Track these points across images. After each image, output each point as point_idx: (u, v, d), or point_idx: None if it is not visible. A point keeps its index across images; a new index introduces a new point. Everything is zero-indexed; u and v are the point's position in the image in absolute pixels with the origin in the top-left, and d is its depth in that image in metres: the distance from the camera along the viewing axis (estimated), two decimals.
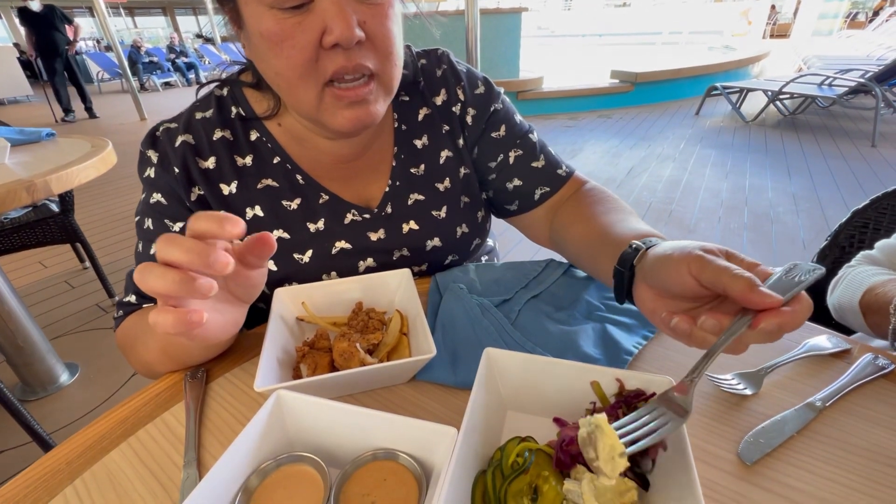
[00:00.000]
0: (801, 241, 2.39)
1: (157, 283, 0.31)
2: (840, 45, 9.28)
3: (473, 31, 3.42)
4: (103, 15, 6.10)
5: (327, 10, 0.41)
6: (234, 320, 0.41)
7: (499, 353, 0.40)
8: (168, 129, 0.54)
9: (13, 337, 1.50)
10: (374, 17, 0.44)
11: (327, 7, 0.41)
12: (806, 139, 4.13)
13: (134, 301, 0.54)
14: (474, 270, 0.62)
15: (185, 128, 0.54)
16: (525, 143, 0.65)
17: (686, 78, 6.15)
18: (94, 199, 3.46)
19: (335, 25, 0.41)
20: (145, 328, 0.49)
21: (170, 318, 0.31)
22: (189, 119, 0.55)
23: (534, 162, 0.64)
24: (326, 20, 0.41)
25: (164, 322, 0.31)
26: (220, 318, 0.39)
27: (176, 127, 0.54)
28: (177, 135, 0.54)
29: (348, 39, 0.41)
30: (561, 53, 11.52)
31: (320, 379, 0.40)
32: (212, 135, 0.55)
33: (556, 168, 0.65)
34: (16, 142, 1.48)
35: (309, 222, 0.57)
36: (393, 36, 0.46)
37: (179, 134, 0.54)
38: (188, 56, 11.56)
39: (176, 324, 0.31)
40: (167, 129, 0.54)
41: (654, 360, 0.47)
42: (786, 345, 0.47)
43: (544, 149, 0.66)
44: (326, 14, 0.41)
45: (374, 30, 0.44)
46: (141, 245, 0.54)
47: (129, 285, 0.55)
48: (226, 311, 0.40)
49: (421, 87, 0.63)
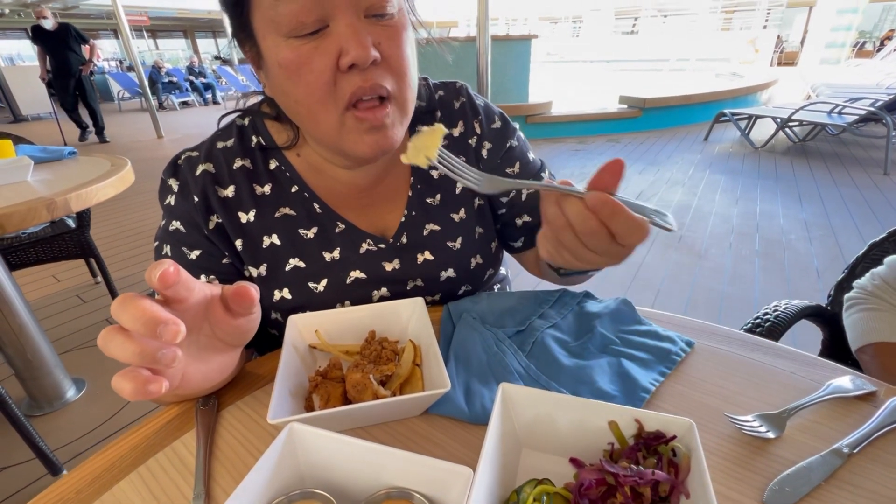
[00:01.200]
0: (814, 269, 2.36)
1: (118, 353, 0.30)
2: (848, 74, 9.33)
3: (485, 57, 3.50)
4: (127, 37, 6.34)
5: (342, 33, 0.42)
6: (221, 367, 0.41)
7: (514, 389, 0.39)
8: (189, 158, 0.55)
9: (23, 351, 1.51)
10: (388, 38, 0.45)
11: (342, 30, 0.42)
12: (816, 166, 4.12)
13: None
14: (487, 300, 0.61)
15: (206, 156, 0.55)
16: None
17: (694, 104, 6.21)
18: (108, 213, 3.52)
19: (351, 47, 0.42)
20: None
21: (128, 386, 0.30)
22: (210, 148, 0.56)
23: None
24: (342, 43, 0.43)
25: (123, 389, 0.30)
26: (204, 368, 0.39)
27: (197, 156, 0.56)
28: (198, 163, 0.55)
29: (364, 59, 0.42)
30: (569, 78, 11.71)
31: (333, 412, 0.39)
32: (232, 164, 0.56)
33: None
34: (39, 160, 1.52)
35: (325, 251, 0.58)
36: (407, 57, 0.47)
37: (200, 163, 0.55)
38: (206, 77, 11.91)
39: (134, 393, 0.30)
40: (189, 157, 0.56)
41: (672, 397, 0.46)
42: (808, 385, 0.46)
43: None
44: (341, 37, 0.42)
45: (389, 51, 0.45)
46: None
47: None
48: (212, 359, 0.40)
49: (438, 118, 0.64)
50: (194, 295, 0.35)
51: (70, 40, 5.59)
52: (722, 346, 0.53)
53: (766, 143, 4.79)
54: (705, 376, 0.49)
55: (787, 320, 0.72)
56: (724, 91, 6.70)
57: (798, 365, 0.49)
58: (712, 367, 0.50)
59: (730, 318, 1.98)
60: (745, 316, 1.97)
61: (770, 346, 0.52)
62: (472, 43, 3.63)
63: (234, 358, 0.42)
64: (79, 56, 5.75)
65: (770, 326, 0.72)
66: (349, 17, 0.42)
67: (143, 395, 0.30)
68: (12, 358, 1.51)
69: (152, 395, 0.31)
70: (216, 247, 0.55)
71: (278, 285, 0.56)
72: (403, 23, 0.47)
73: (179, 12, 15.80)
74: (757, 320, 0.75)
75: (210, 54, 22.10)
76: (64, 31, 5.56)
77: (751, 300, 2.10)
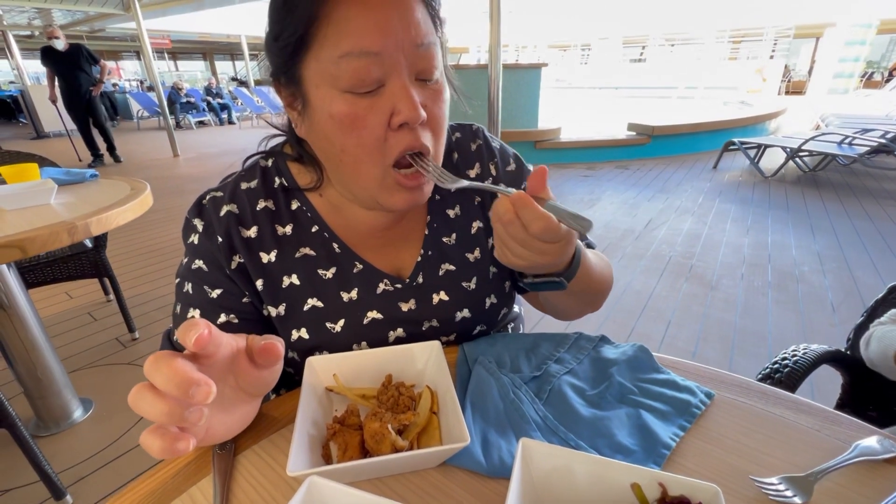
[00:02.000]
0: (829, 302, 2.32)
1: (149, 412, 0.32)
2: (857, 104, 9.38)
3: (496, 84, 3.59)
4: (149, 58, 6.57)
5: (395, 93, 0.45)
6: (243, 417, 0.42)
7: (535, 446, 0.39)
8: (214, 199, 0.57)
9: (34, 369, 1.52)
10: (432, 99, 0.48)
11: (396, 91, 0.45)
12: (828, 197, 4.10)
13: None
14: (502, 341, 0.61)
15: (230, 197, 0.57)
16: None
17: (703, 132, 6.26)
18: (121, 231, 3.58)
19: (403, 107, 0.44)
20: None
21: (157, 444, 0.31)
22: (234, 189, 0.58)
23: None
24: (395, 102, 0.45)
25: (151, 447, 0.32)
26: (228, 419, 0.40)
27: (222, 196, 0.57)
28: (222, 204, 0.56)
29: (415, 119, 0.45)
30: (577, 105, 11.87)
31: (352, 466, 0.39)
32: (255, 204, 0.57)
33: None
34: (62, 182, 1.57)
35: (343, 291, 0.58)
36: (444, 120, 0.51)
37: (225, 203, 0.56)
38: (223, 97, 12.25)
39: (162, 452, 0.31)
40: (213, 198, 0.57)
41: (693, 455, 0.45)
42: (834, 445, 0.45)
43: None
44: (395, 97, 0.45)
45: (433, 111, 0.48)
46: (179, 307, 0.56)
47: (164, 345, 0.56)
48: (235, 410, 0.41)
49: (455, 160, 0.65)
50: (222, 350, 0.35)
51: (82, 61, 5.42)
52: (742, 397, 0.52)
53: (776, 173, 4.79)
54: (726, 431, 0.48)
55: (807, 367, 0.71)
56: (732, 119, 6.76)
57: (822, 422, 0.48)
58: (733, 421, 0.49)
59: (744, 353, 1.94)
60: (760, 350, 1.95)
61: (792, 401, 0.51)
62: (483, 70, 3.73)
63: (256, 407, 0.43)
64: (90, 77, 5.58)
65: (789, 372, 0.70)
66: (403, 79, 0.45)
67: (172, 453, 0.31)
68: (22, 376, 1.52)
69: (180, 454, 0.31)
70: (237, 286, 0.56)
71: (296, 325, 0.57)
72: (443, 85, 0.50)
73: (200, 36, 16.40)
74: (775, 365, 0.74)
75: (227, 75, 22.82)
76: (76, 52, 5.37)
77: (764, 334, 2.07)
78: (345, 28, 0.42)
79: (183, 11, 11.56)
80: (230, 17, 12.57)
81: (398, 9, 0.43)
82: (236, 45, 17.95)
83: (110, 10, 10.53)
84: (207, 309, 0.55)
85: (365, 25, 0.42)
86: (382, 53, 0.43)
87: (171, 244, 3.34)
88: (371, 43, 0.42)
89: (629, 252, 3.01)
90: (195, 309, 0.55)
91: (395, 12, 0.43)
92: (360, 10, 0.42)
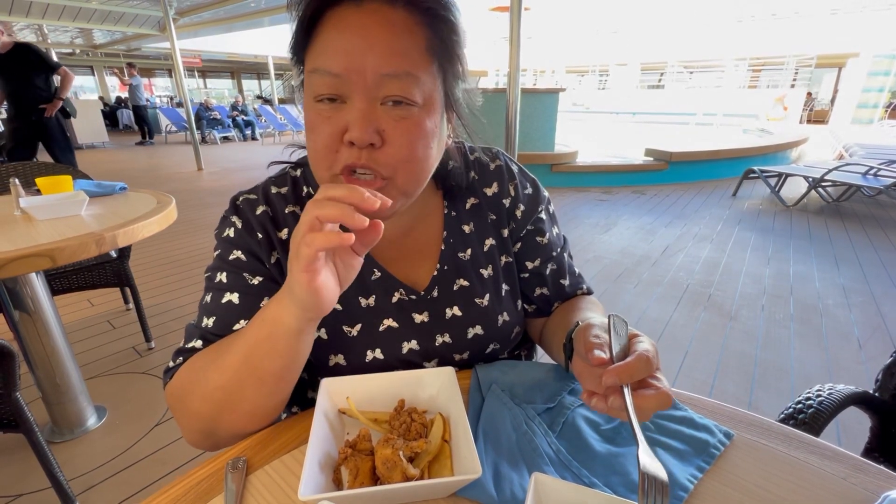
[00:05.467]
0: (855, 338, 2.24)
1: (332, 211, 0.39)
2: (882, 134, 9.21)
3: (514, 107, 3.64)
4: (181, 76, 6.86)
5: (352, 111, 0.47)
6: (335, 295, 0.45)
7: (547, 481, 0.39)
8: (248, 200, 0.60)
9: (53, 375, 1.56)
10: (397, 126, 0.48)
11: (353, 109, 0.47)
12: (853, 228, 4.00)
13: (199, 346, 0.54)
14: (515, 370, 0.61)
15: (264, 199, 0.60)
16: (560, 259, 0.70)
17: (722, 159, 6.20)
18: (143, 242, 3.66)
19: (353, 126, 0.47)
20: (213, 358, 0.50)
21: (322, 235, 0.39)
22: (266, 192, 0.61)
23: (562, 279, 0.70)
24: (349, 120, 0.47)
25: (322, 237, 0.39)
26: (332, 283, 0.44)
27: (255, 198, 0.60)
28: (257, 205, 0.59)
29: (360, 141, 0.47)
30: (595, 129, 11.91)
31: (362, 492, 0.39)
32: (285, 209, 0.60)
33: (577, 287, 0.71)
34: (93, 194, 1.63)
35: (361, 297, 0.60)
36: (415, 147, 0.49)
37: (259, 204, 0.60)
38: (247, 115, 12.66)
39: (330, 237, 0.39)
40: (247, 199, 0.60)
41: (711, 498, 0.44)
42: (861, 496, 0.43)
43: (571, 266, 0.72)
44: (349, 116, 0.47)
45: (394, 138, 0.48)
46: (210, 296, 0.56)
47: (192, 333, 0.56)
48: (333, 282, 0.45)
49: (472, 178, 0.67)
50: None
51: (28, 68, 3.69)
52: (762, 439, 0.51)
53: (798, 202, 4.70)
54: (745, 475, 0.46)
55: (832, 409, 0.68)
56: (752, 147, 6.69)
57: (848, 469, 0.46)
58: (753, 465, 0.47)
59: (765, 388, 1.88)
60: (782, 385, 1.89)
61: (816, 446, 0.49)
62: (502, 94, 3.79)
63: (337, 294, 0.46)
64: (42, 90, 3.80)
65: (813, 414, 0.68)
66: (362, 101, 0.47)
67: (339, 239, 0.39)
68: (42, 381, 1.55)
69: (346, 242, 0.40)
70: (275, 280, 0.57)
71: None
72: (427, 114, 0.49)
73: (229, 56, 17.08)
74: (799, 405, 0.71)
75: (252, 93, 23.64)
76: (21, 55, 3.64)
77: (787, 369, 2.00)
78: (320, 47, 0.47)
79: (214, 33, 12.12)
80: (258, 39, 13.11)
81: (367, 38, 0.45)
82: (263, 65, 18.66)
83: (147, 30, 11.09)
84: (250, 293, 0.55)
85: (334, 48, 0.46)
86: (342, 76, 0.46)
87: (191, 255, 3.41)
88: (333, 65, 0.46)
89: (645, 278, 2.96)
90: (233, 293, 0.55)
91: (362, 41, 0.45)
92: (334, 34, 0.46)
